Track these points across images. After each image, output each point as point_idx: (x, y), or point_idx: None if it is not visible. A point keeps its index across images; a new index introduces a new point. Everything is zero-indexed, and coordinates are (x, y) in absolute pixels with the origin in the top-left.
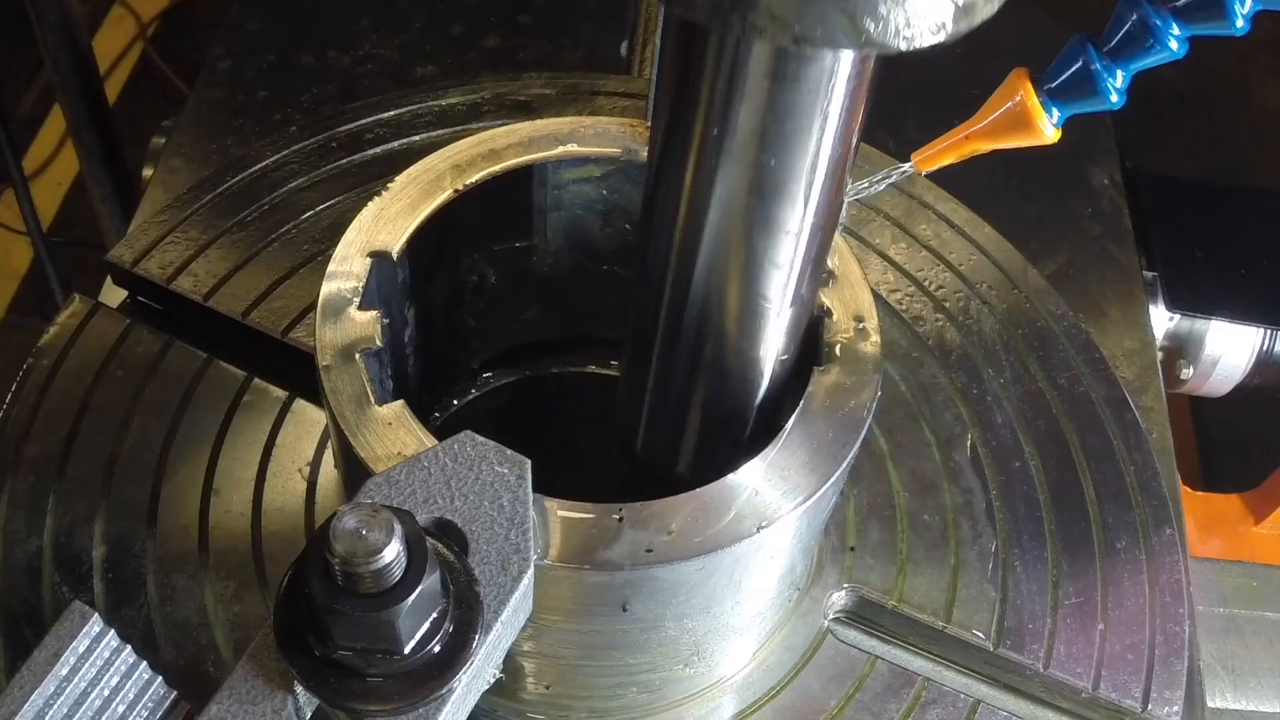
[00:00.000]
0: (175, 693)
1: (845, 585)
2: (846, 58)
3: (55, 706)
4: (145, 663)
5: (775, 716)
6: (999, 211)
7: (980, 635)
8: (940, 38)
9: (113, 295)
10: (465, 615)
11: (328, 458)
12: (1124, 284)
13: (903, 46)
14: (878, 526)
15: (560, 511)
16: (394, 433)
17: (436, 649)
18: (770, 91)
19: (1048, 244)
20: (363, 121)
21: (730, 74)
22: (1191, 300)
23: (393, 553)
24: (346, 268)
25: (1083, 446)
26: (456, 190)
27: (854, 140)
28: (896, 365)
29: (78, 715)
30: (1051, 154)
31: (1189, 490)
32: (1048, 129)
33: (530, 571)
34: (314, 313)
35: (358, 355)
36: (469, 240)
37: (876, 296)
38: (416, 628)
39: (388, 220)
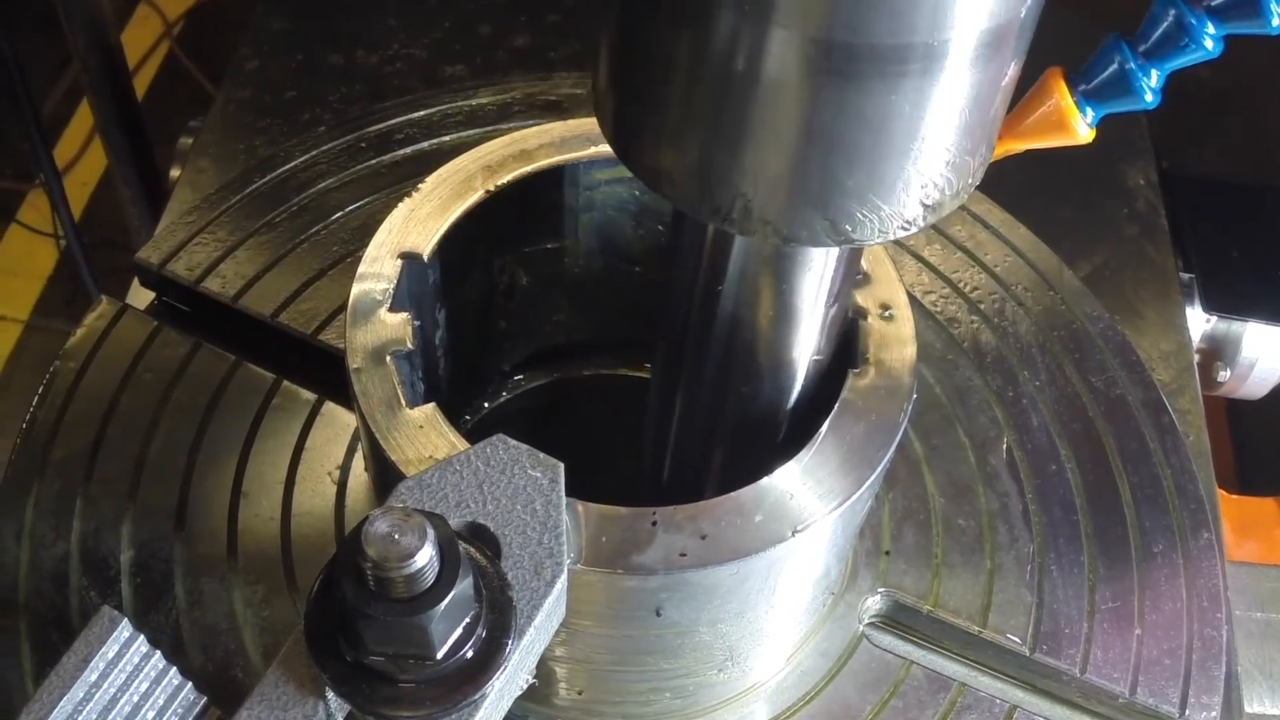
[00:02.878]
0: (205, 698)
1: (880, 589)
2: None
3: (84, 712)
4: (175, 668)
5: None
6: (1034, 212)
7: (1016, 640)
8: (912, 231)
9: (140, 297)
10: (498, 620)
11: (358, 461)
12: (1160, 285)
13: (878, 241)
14: (913, 530)
15: (593, 515)
16: (425, 435)
17: (469, 654)
18: None
19: (1083, 245)
20: (392, 122)
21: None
22: (1228, 302)
23: (425, 557)
24: (377, 269)
25: (1119, 450)
26: (487, 191)
27: None
28: (931, 368)
29: None
30: (1086, 154)
31: (1226, 494)
32: (1082, 129)
33: (563, 576)
34: (344, 314)
35: (388, 357)
36: (500, 242)
37: (911, 298)
38: (449, 633)
39: (418, 221)
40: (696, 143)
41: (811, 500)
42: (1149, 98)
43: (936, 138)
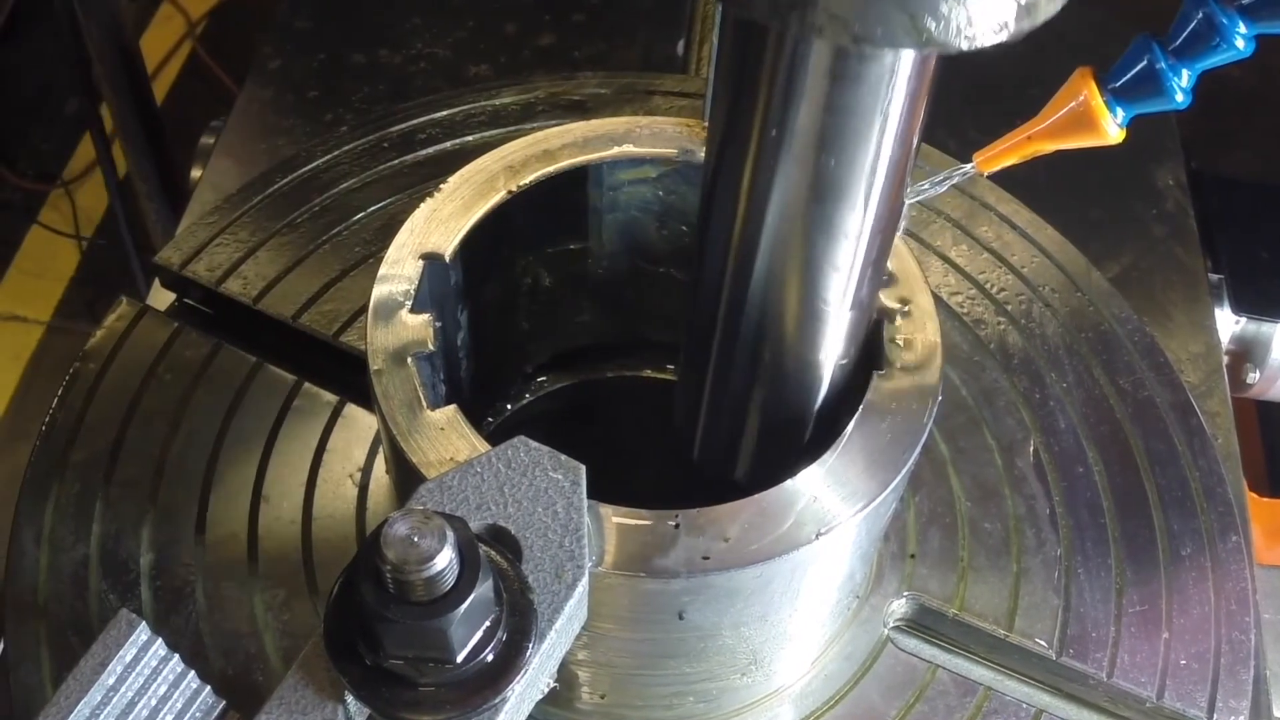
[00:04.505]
0: (224, 702)
1: (905, 593)
2: (907, 57)
3: (102, 715)
4: (193, 672)
5: None
6: (1062, 213)
7: (1043, 644)
8: (1003, 37)
9: (161, 298)
10: (519, 623)
11: (379, 463)
12: (1189, 287)
13: (964, 46)
14: (938, 533)
15: (615, 518)
16: (446, 438)
17: (489, 658)
18: (830, 91)
19: (1111, 246)
20: (415, 121)
21: (789, 74)
22: (1258, 303)
23: (445, 560)
24: (398, 270)
25: (1147, 452)
26: (510, 191)
27: (915, 140)
28: (958, 369)
29: None
30: (1115, 155)
31: (1255, 496)
32: (1112, 129)
33: (585, 579)
34: (365, 316)
35: (410, 359)
36: (523, 242)
37: (937, 299)
38: (469, 636)
39: (440, 222)
40: None
41: (836, 503)
42: (1179, 98)
43: None
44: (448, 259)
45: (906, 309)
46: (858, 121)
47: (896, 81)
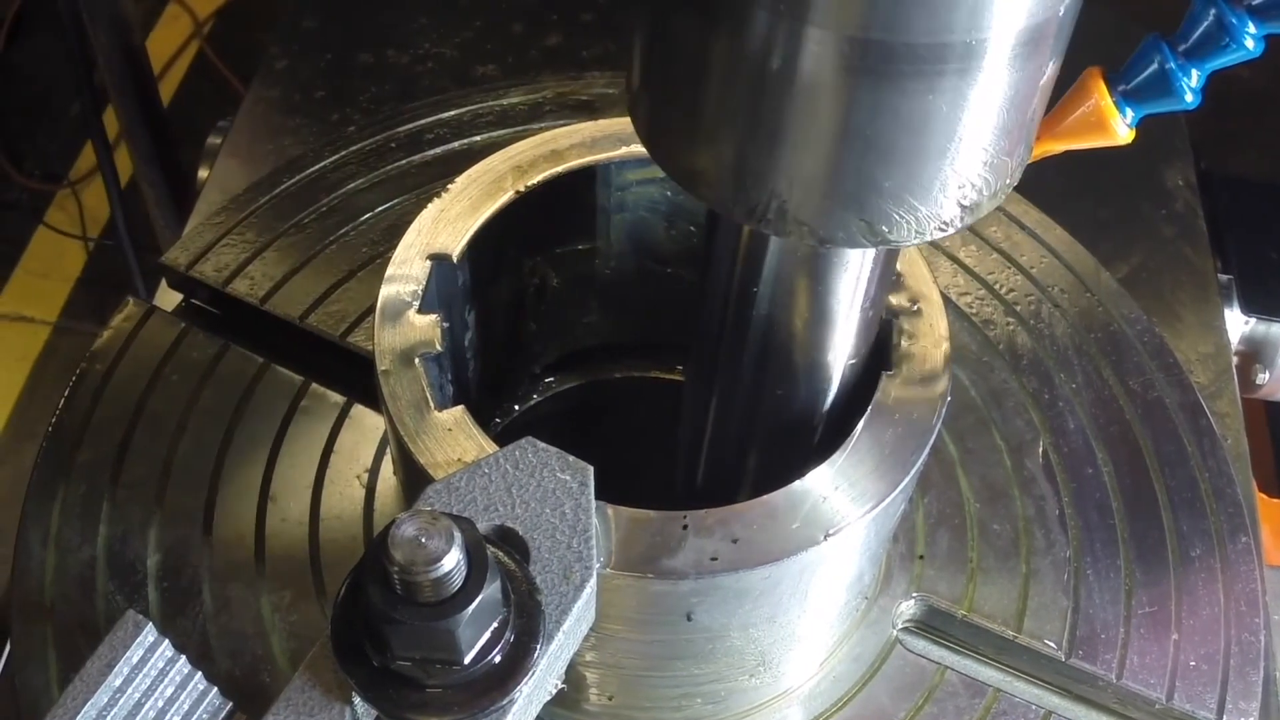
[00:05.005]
0: (230, 703)
1: (914, 594)
2: None
3: (109, 717)
4: (200, 673)
5: None
6: (1071, 214)
7: (1052, 645)
8: (949, 232)
9: (167, 298)
10: (526, 625)
11: (386, 464)
12: (1198, 287)
13: (915, 242)
14: (947, 534)
15: (623, 518)
16: (454, 438)
17: (497, 659)
18: None
19: (1120, 246)
20: (422, 122)
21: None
22: (1267, 303)
23: (453, 561)
24: (406, 270)
25: (1156, 453)
26: (518, 192)
27: None
28: (967, 370)
29: None
30: (1125, 155)
31: (1264, 497)
32: (1121, 130)
33: (593, 580)
34: (372, 316)
35: (417, 360)
36: (530, 243)
37: (946, 299)
38: (477, 637)
39: (448, 222)
40: (731, 143)
41: (845, 504)
42: (1189, 98)
43: (974, 138)
44: (455, 259)
45: (915, 309)
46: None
47: None
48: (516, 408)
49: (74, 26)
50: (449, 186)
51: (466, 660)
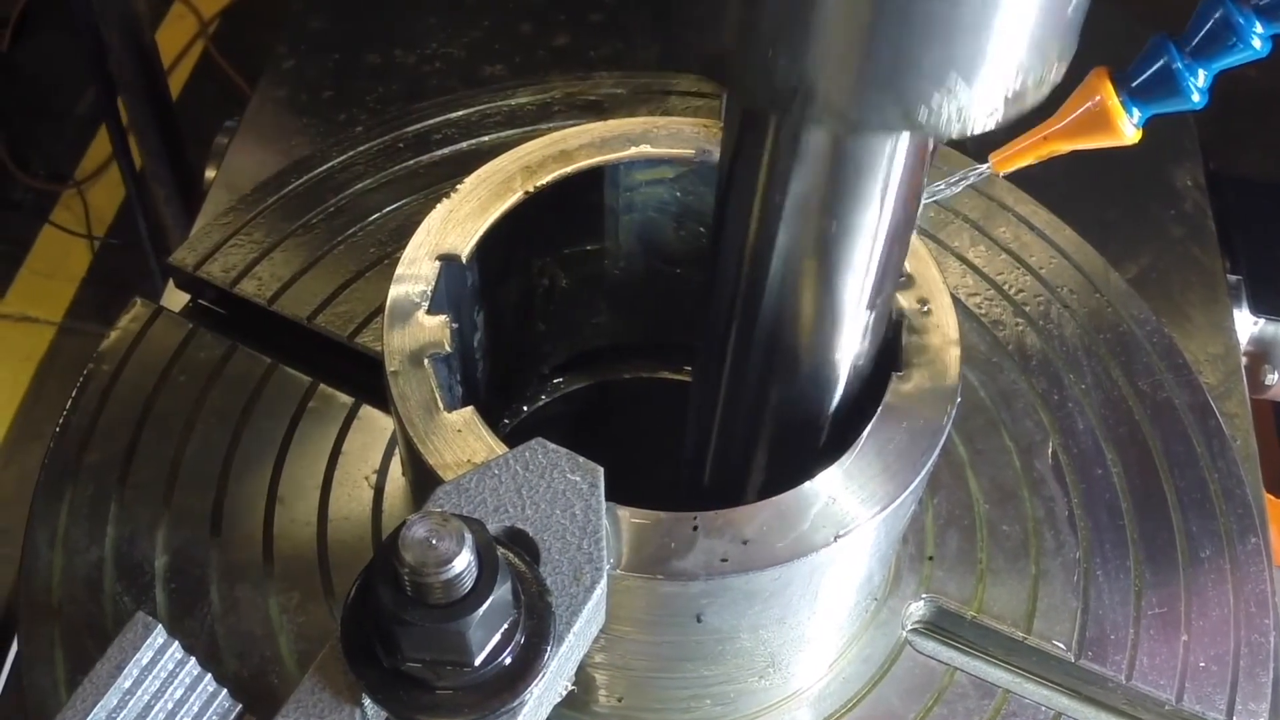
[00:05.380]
0: (240, 705)
1: (924, 595)
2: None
3: (119, 719)
4: (210, 674)
5: None
6: (1079, 214)
7: (1061, 646)
8: (992, 123)
9: (175, 299)
10: (537, 626)
11: (395, 465)
12: (1207, 287)
13: (955, 133)
14: (957, 535)
15: (633, 520)
16: (463, 439)
17: (507, 661)
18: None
19: (1129, 247)
20: (430, 122)
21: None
22: (1276, 304)
23: (463, 562)
24: (415, 271)
25: (1165, 454)
26: (527, 192)
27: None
28: (976, 370)
29: None
30: (1132, 155)
31: (1273, 498)
32: (1128, 129)
33: (603, 581)
34: (381, 317)
35: (426, 360)
36: (539, 243)
37: (955, 300)
38: (487, 639)
39: (457, 223)
40: (756, 19)
41: (854, 505)
42: (1196, 98)
43: (1017, 10)
44: (464, 260)
45: (925, 310)
46: (863, 183)
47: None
48: (525, 409)
49: (84, 20)
50: (458, 187)
51: (477, 662)
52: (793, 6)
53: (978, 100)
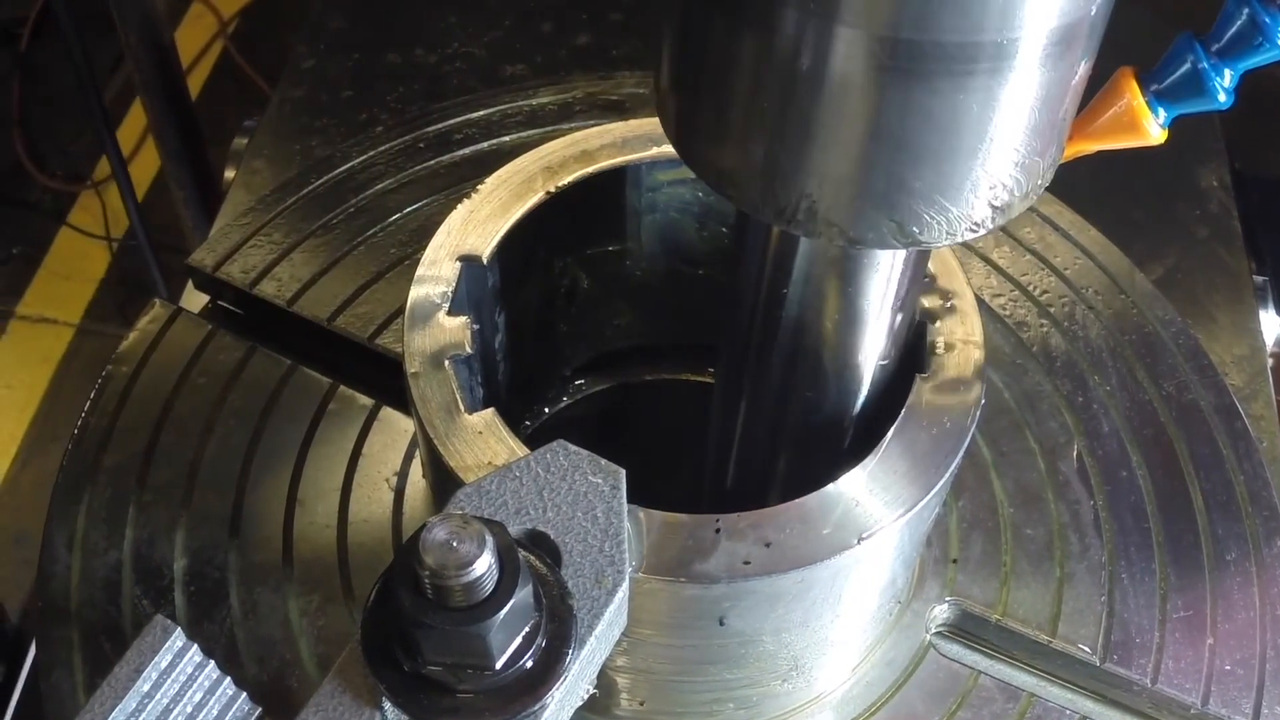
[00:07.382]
0: (259, 709)
1: (947, 598)
2: None
3: None
4: (229, 678)
5: None
6: (1104, 214)
7: (1086, 650)
8: (980, 233)
9: (194, 300)
10: (558, 629)
11: (415, 467)
12: (1233, 288)
13: (946, 243)
14: (981, 538)
15: (655, 522)
16: (484, 441)
17: (529, 664)
18: None
19: (1154, 247)
20: (451, 122)
21: None
22: None
23: (484, 565)
24: (435, 272)
25: (1191, 456)
26: (548, 192)
27: None
28: (1000, 372)
29: None
30: (1158, 155)
31: None
32: (1154, 129)
33: (625, 584)
34: (402, 318)
35: (447, 362)
36: (560, 244)
37: (979, 301)
38: (508, 642)
39: (478, 223)
40: (760, 143)
41: (878, 507)
42: (1222, 98)
43: (1005, 138)
44: (485, 261)
45: (950, 310)
46: None
47: None
48: (547, 410)
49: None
50: (479, 187)
51: (498, 665)
52: (794, 139)
53: (967, 216)
